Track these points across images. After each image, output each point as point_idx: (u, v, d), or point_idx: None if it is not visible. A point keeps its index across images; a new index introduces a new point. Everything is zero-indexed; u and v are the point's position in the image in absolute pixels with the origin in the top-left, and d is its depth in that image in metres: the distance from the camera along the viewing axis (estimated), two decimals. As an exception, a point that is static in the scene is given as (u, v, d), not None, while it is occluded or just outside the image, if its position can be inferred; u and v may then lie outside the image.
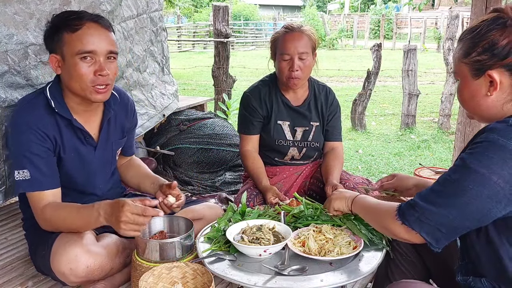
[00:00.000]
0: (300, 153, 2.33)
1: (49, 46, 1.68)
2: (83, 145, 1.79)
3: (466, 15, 11.36)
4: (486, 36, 1.13)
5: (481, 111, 1.19)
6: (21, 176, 1.64)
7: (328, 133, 2.37)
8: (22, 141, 1.64)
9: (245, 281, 1.37)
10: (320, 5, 34.43)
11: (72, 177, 1.81)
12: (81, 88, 1.65)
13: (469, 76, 1.18)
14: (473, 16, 2.78)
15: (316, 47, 2.21)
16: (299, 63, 2.12)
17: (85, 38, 1.61)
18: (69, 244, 1.63)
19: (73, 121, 1.73)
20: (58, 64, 1.66)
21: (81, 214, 1.63)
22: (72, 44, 1.61)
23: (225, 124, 3.67)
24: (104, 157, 1.89)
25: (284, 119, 2.29)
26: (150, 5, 3.06)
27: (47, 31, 1.68)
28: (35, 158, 1.64)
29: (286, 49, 2.11)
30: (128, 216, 1.47)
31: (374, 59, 6.13)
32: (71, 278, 1.63)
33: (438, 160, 5.03)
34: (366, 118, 6.56)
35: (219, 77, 5.45)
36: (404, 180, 1.68)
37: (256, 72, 10.78)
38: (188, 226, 1.73)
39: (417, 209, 1.14)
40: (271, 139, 2.29)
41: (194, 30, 22.49)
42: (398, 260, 1.52)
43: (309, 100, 2.32)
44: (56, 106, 1.69)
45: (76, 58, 1.61)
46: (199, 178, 3.30)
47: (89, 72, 1.63)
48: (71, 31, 1.61)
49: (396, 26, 21.45)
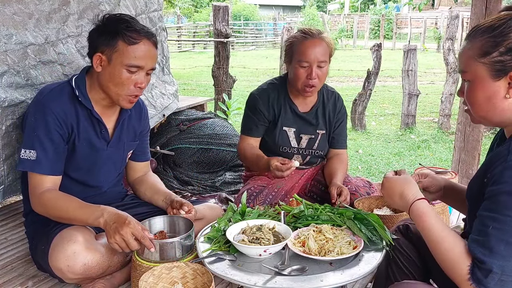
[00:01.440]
0: (304, 160, 2.31)
1: (96, 44, 1.71)
2: (97, 138, 1.84)
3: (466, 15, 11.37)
4: (509, 35, 1.08)
5: (494, 114, 1.15)
6: (27, 156, 1.70)
7: (334, 141, 2.33)
8: (39, 122, 1.70)
9: (245, 281, 1.37)
10: (320, 5, 34.42)
11: (79, 167, 1.85)
12: (116, 93, 1.73)
13: (487, 77, 1.12)
14: (473, 16, 2.78)
15: (332, 54, 2.14)
16: (317, 71, 2.05)
17: (139, 53, 1.69)
18: (67, 241, 1.64)
19: (93, 112, 1.79)
20: (101, 63, 1.71)
21: (82, 209, 1.68)
22: (126, 55, 1.67)
23: (225, 124, 3.67)
24: (115, 155, 1.93)
25: (290, 125, 2.24)
26: (149, 5, 3.05)
27: (101, 30, 1.71)
28: (46, 141, 1.70)
29: (306, 56, 2.04)
30: (127, 234, 1.55)
31: (374, 59, 6.13)
32: (68, 275, 1.64)
33: (438, 160, 5.03)
34: (366, 118, 6.56)
35: (219, 77, 5.46)
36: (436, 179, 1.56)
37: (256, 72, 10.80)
38: (188, 226, 1.73)
39: (496, 270, 1.05)
40: (275, 145, 2.24)
41: (194, 30, 22.49)
42: (399, 259, 1.51)
43: (317, 107, 2.26)
44: (79, 95, 1.76)
45: (124, 67, 1.69)
46: (199, 178, 3.29)
47: (130, 82, 1.71)
48: (127, 43, 1.67)
49: (396, 26, 21.45)
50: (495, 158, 1.11)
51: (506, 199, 1.05)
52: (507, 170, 1.06)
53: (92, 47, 1.73)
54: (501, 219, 1.05)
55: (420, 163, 3.26)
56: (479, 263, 1.08)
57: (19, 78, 2.11)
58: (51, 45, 2.26)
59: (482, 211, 1.11)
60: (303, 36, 2.08)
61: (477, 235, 1.10)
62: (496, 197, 1.07)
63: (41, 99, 1.74)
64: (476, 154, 3.01)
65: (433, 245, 1.19)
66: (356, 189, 2.17)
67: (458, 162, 3.08)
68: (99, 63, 1.71)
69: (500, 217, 1.05)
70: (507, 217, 1.05)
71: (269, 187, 2.24)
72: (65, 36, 2.35)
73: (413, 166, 4.78)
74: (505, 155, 1.08)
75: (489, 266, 1.05)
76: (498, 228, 1.05)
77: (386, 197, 1.40)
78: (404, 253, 1.52)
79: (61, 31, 2.32)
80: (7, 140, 2.09)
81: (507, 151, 1.08)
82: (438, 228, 1.20)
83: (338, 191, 1.98)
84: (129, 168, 2.11)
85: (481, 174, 1.17)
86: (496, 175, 1.08)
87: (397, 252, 1.52)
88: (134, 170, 2.11)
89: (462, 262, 1.11)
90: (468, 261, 1.10)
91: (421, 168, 2.55)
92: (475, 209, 1.16)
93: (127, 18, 1.74)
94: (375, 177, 4.52)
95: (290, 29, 5.95)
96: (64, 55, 2.34)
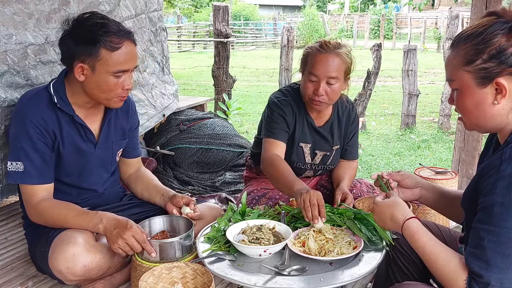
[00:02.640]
0: (314, 174, 2.28)
1: (74, 52, 1.63)
2: (83, 142, 1.81)
3: (466, 15, 11.35)
4: (491, 42, 1.07)
5: (486, 121, 1.14)
6: (14, 167, 1.68)
7: (347, 152, 2.26)
8: (21, 134, 1.67)
9: (245, 281, 1.37)
10: (320, 5, 34.43)
11: (69, 173, 1.83)
12: (106, 99, 1.71)
13: (473, 85, 1.11)
14: (473, 16, 2.78)
15: (350, 71, 2.00)
16: (325, 87, 1.93)
17: (123, 57, 1.64)
18: (67, 242, 1.64)
19: (75, 117, 1.75)
20: (83, 72, 1.65)
21: (80, 216, 1.69)
22: (110, 63, 1.62)
23: (225, 124, 3.67)
24: (104, 156, 1.90)
25: (307, 141, 2.15)
26: (149, 5, 3.05)
27: (76, 38, 1.62)
28: (31, 151, 1.68)
29: (315, 69, 1.93)
30: (129, 238, 1.57)
31: (374, 59, 6.13)
32: (68, 277, 1.64)
33: (438, 160, 5.03)
34: (366, 118, 6.56)
35: (219, 77, 5.46)
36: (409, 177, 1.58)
37: (256, 72, 10.80)
38: (187, 226, 1.73)
39: (494, 283, 1.05)
40: (289, 161, 2.12)
41: (194, 30, 22.49)
42: (400, 260, 1.51)
43: (332, 121, 2.17)
44: (58, 101, 1.72)
45: (110, 74, 1.64)
46: (199, 178, 3.29)
47: (118, 86, 1.68)
48: (110, 49, 1.61)
49: (396, 26, 21.45)
50: (487, 168, 1.10)
51: (500, 210, 1.04)
52: (499, 180, 1.05)
53: (69, 56, 1.66)
54: (496, 231, 1.05)
55: (420, 163, 3.26)
56: (477, 277, 1.07)
57: (19, 78, 2.11)
58: (51, 45, 2.26)
59: (477, 223, 1.10)
60: (318, 48, 1.96)
61: (473, 248, 1.10)
62: (490, 208, 1.06)
63: (20, 108, 1.70)
64: (476, 154, 3.01)
65: (429, 262, 1.19)
66: (360, 194, 2.15)
67: (458, 162, 3.08)
68: (81, 73, 1.65)
69: (495, 229, 1.05)
70: (502, 229, 1.04)
71: (273, 190, 2.21)
72: (65, 36, 2.34)
73: (413, 166, 4.78)
74: (497, 165, 1.07)
75: (487, 280, 1.05)
76: (493, 241, 1.05)
77: (378, 221, 1.41)
78: (404, 253, 1.52)
79: (61, 31, 2.32)
80: (6, 139, 2.09)
81: (500, 161, 1.07)
82: (432, 245, 1.20)
83: (343, 198, 1.96)
84: (121, 166, 2.09)
85: (475, 183, 1.16)
86: (489, 185, 1.07)
87: (397, 252, 1.52)
88: (126, 166, 2.09)
89: (458, 276, 1.11)
90: (464, 275, 1.11)
91: (421, 168, 2.55)
92: (471, 217, 1.16)
93: (100, 20, 1.64)
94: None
95: (290, 29, 5.96)
96: (64, 55, 2.33)
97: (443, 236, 1.51)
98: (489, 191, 1.07)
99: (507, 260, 1.04)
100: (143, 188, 2.05)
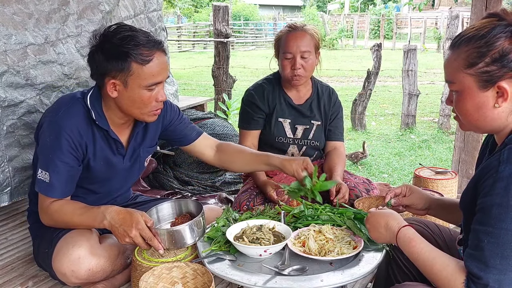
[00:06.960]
0: (300, 151, 2.34)
1: (105, 69, 1.58)
2: (113, 155, 1.78)
3: (466, 15, 11.35)
4: (494, 45, 1.06)
5: (485, 123, 1.14)
6: (42, 177, 1.64)
7: (330, 133, 2.39)
8: (54, 144, 1.62)
9: (245, 281, 1.37)
10: (320, 5, 34.42)
11: (93, 181, 1.80)
12: (141, 113, 1.66)
13: (474, 88, 1.11)
14: (473, 16, 2.78)
15: (319, 46, 2.23)
16: (301, 62, 2.14)
17: (155, 70, 1.58)
18: (72, 245, 1.63)
19: (110, 133, 1.72)
20: (116, 88, 1.60)
21: (85, 215, 1.65)
22: (143, 77, 1.57)
23: (225, 124, 3.66)
24: (132, 165, 1.88)
25: (285, 116, 2.30)
26: (148, 5, 3.05)
27: (106, 54, 1.56)
28: (61, 164, 1.62)
29: (289, 47, 2.14)
30: (136, 238, 1.55)
31: (374, 59, 6.14)
32: (72, 279, 1.64)
33: (438, 160, 5.03)
34: (366, 118, 6.57)
35: (219, 77, 5.46)
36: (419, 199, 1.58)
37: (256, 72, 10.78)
38: (198, 210, 1.71)
39: (492, 284, 1.05)
40: (271, 136, 2.30)
41: (194, 30, 22.50)
42: (400, 260, 1.51)
43: (311, 100, 2.33)
44: (96, 117, 1.67)
45: (143, 88, 1.59)
46: (199, 178, 3.29)
47: (152, 99, 1.62)
48: (141, 63, 1.55)
49: (396, 26, 21.45)
50: (486, 169, 1.10)
51: (499, 211, 1.04)
52: (498, 181, 1.04)
53: (100, 72, 1.60)
54: (495, 233, 1.05)
55: (420, 163, 3.26)
56: (475, 279, 1.07)
57: (19, 78, 2.11)
58: (51, 45, 2.26)
59: (476, 224, 1.10)
60: (288, 30, 2.20)
61: (472, 250, 1.10)
62: (488, 210, 1.06)
63: (56, 119, 1.64)
64: (476, 154, 2.99)
65: (425, 268, 1.19)
66: (355, 185, 2.18)
67: (458, 162, 3.08)
68: (114, 89, 1.60)
69: (493, 231, 1.05)
70: (501, 230, 1.04)
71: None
72: (64, 36, 2.35)
73: (413, 166, 4.78)
74: (495, 166, 1.07)
75: (486, 281, 1.05)
76: (492, 242, 1.05)
77: (373, 231, 1.40)
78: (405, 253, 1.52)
79: (61, 31, 2.32)
80: (10, 140, 2.09)
81: (498, 162, 1.07)
82: (427, 251, 1.20)
83: (337, 188, 1.99)
84: (197, 153, 2.00)
85: (473, 185, 1.16)
86: (487, 186, 1.07)
87: (398, 252, 1.52)
88: (202, 150, 1.99)
89: (455, 279, 1.11)
90: (461, 278, 1.11)
91: (421, 168, 2.55)
92: (470, 219, 1.16)
93: (128, 33, 1.57)
94: (375, 177, 4.52)
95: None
96: (64, 55, 2.34)
97: (443, 236, 1.51)
98: (487, 192, 1.07)
99: (506, 262, 1.04)
100: (243, 164, 1.98)
